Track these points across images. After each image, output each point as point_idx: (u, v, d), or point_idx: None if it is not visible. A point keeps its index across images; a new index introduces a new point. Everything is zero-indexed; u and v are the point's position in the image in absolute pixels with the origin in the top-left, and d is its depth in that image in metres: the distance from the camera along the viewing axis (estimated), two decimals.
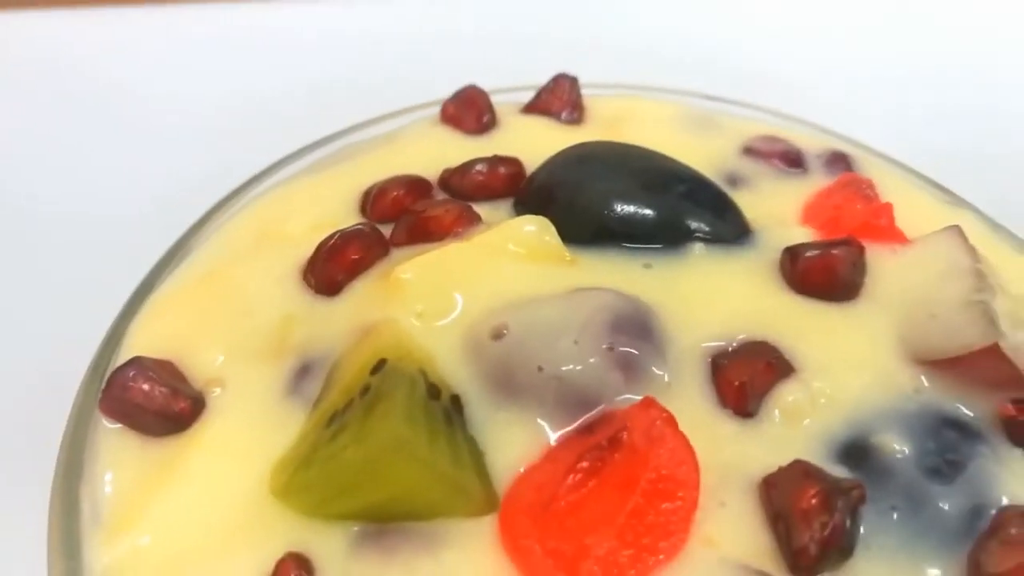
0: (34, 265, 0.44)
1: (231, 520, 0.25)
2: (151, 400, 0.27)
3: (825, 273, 0.29)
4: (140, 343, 0.29)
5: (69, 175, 0.50)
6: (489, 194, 0.33)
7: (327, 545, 0.24)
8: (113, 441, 0.27)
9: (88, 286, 0.36)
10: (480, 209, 0.31)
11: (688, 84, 0.40)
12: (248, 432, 0.26)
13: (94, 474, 0.26)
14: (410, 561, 0.23)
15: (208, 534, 0.25)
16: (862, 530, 0.24)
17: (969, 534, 0.24)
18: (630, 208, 0.30)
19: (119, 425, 0.27)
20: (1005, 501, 0.24)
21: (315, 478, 0.24)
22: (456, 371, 0.26)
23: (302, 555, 0.23)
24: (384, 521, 0.24)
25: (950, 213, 0.34)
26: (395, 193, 0.32)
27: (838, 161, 0.36)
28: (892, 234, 0.31)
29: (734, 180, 0.34)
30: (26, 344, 0.40)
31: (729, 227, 0.31)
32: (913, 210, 0.34)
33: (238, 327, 0.29)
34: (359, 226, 0.30)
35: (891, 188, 0.35)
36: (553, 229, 0.29)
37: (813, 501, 0.23)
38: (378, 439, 0.23)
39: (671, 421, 0.24)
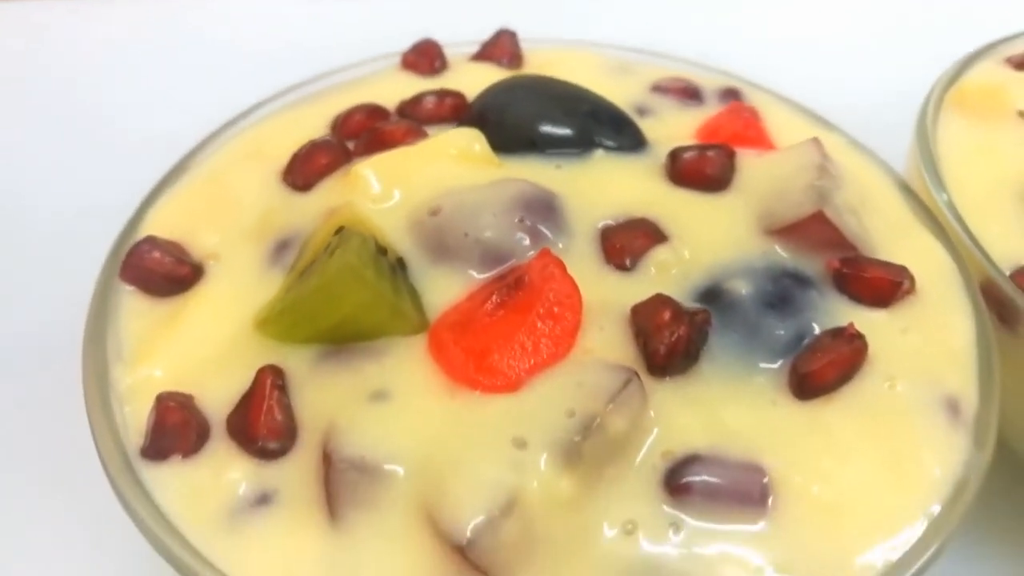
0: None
1: (222, 350, 0.32)
2: (161, 266, 0.34)
3: (699, 168, 0.36)
4: (151, 229, 0.36)
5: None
6: (437, 120, 0.40)
7: (296, 361, 0.31)
8: (130, 301, 0.34)
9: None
10: (429, 131, 0.38)
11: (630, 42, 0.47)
12: (237, 290, 0.34)
13: (116, 324, 0.34)
14: (360, 367, 0.30)
15: (205, 361, 0.32)
16: (709, 346, 0.31)
17: (793, 351, 0.31)
18: (545, 123, 0.37)
19: (134, 288, 0.35)
20: None
21: (286, 308, 0.31)
22: (400, 240, 0.33)
23: (276, 366, 0.30)
24: (340, 343, 0.31)
25: (820, 133, 0.41)
26: (358, 117, 0.40)
27: (730, 95, 0.43)
28: (760, 143, 0.38)
29: (642, 111, 0.42)
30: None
31: (627, 139, 0.38)
32: (790, 132, 0.41)
33: (230, 217, 0.36)
34: (327, 138, 0.38)
35: (772, 114, 0.42)
36: (484, 139, 0.36)
37: (666, 317, 0.30)
38: (334, 268, 0.30)
39: (560, 265, 0.31)
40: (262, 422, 0.29)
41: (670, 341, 0.29)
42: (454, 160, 0.36)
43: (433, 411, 0.29)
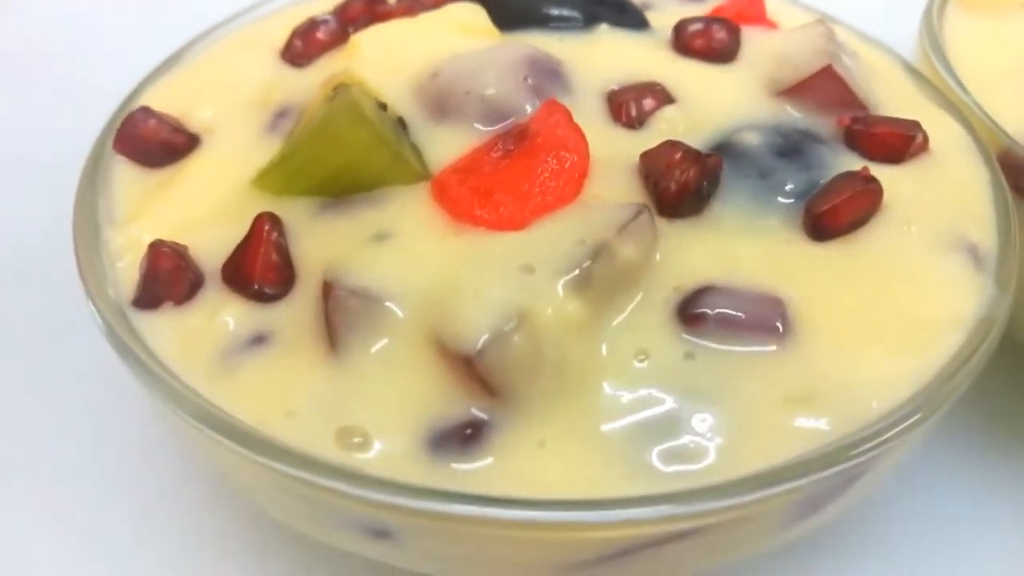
0: None
1: (219, 208, 0.31)
2: (156, 133, 0.33)
3: (705, 38, 0.35)
4: (148, 103, 0.35)
5: None
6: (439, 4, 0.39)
7: (295, 212, 0.30)
8: (123, 170, 0.33)
9: None
10: None
11: None
12: (234, 155, 0.33)
13: (108, 192, 0.33)
14: (360, 214, 0.29)
15: (200, 219, 0.31)
16: (721, 191, 0.30)
17: (806, 196, 0.30)
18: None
19: (127, 160, 0.34)
20: None
21: (285, 157, 0.30)
22: (400, 101, 0.32)
23: (274, 214, 0.29)
24: (339, 194, 0.30)
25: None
26: (358, 4, 0.39)
27: None
28: (764, 22, 0.37)
29: (646, 6, 0.41)
30: None
31: (630, 19, 0.37)
32: (794, 23, 0.40)
33: (228, 93, 0.35)
34: (326, 16, 0.37)
35: (776, 8, 0.41)
36: (485, 13, 0.36)
37: (677, 157, 0.29)
38: (334, 107, 0.29)
39: (566, 112, 0.30)
40: (259, 265, 0.28)
41: (681, 180, 0.29)
42: (455, 32, 0.35)
43: (437, 248, 0.28)
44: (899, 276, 0.28)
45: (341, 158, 0.29)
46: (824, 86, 0.32)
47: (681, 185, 0.29)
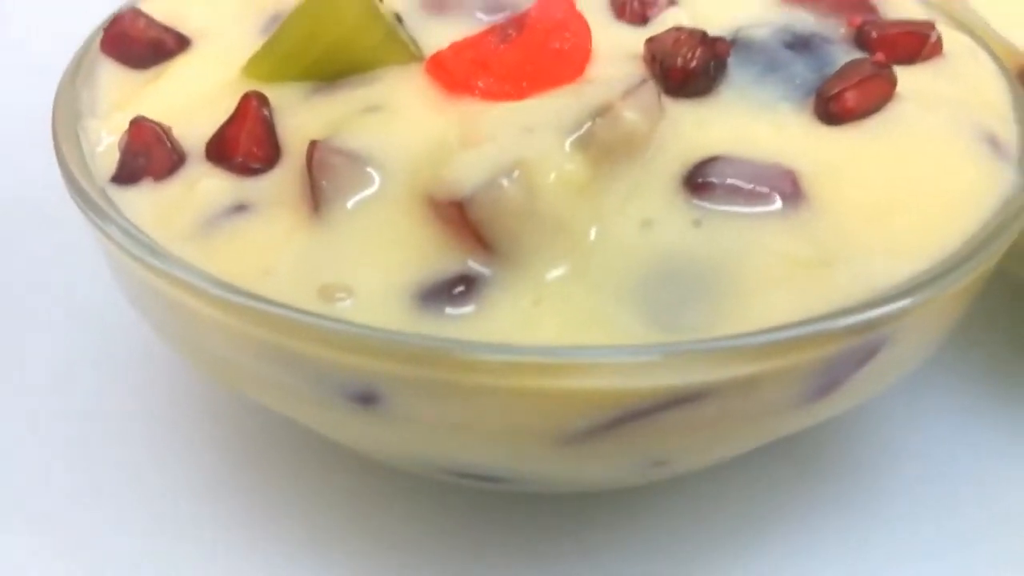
0: None
1: (206, 97, 0.30)
2: (145, 33, 0.32)
3: None
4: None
5: None
6: None
7: (285, 96, 0.28)
8: (110, 71, 0.32)
9: None
10: None
11: None
12: (224, 53, 0.31)
13: (92, 88, 0.32)
14: (351, 93, 0.28)
15: (186, 106, 0.30)
16: (729, 76, 0.29)
17: (816, 84, 0.29)
18: None
19: (115, 62, 0.32)
20: None
21: (275, 38, 0.29)
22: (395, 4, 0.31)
23: (262, 93, 0.28)
24: (332, 78, 0.29)
25: None
26: None
27: None
28: None
29: None
30: None
31: None
32: None
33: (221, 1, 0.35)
34: None
35: None
36: None
37: (683, 37, 0.28)
38: None
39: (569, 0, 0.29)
40: (243, 138, 0.27)
41: (687, 56, 0.27)
42: None
43: (430, 116, 0.27)
44: (916, 156, 0.27)
45: (333, 33, 0.28)
46: None
47: (686, 62, 0.27)
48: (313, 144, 0.25)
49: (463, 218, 0.23)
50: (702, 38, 0.28)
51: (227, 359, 0.25)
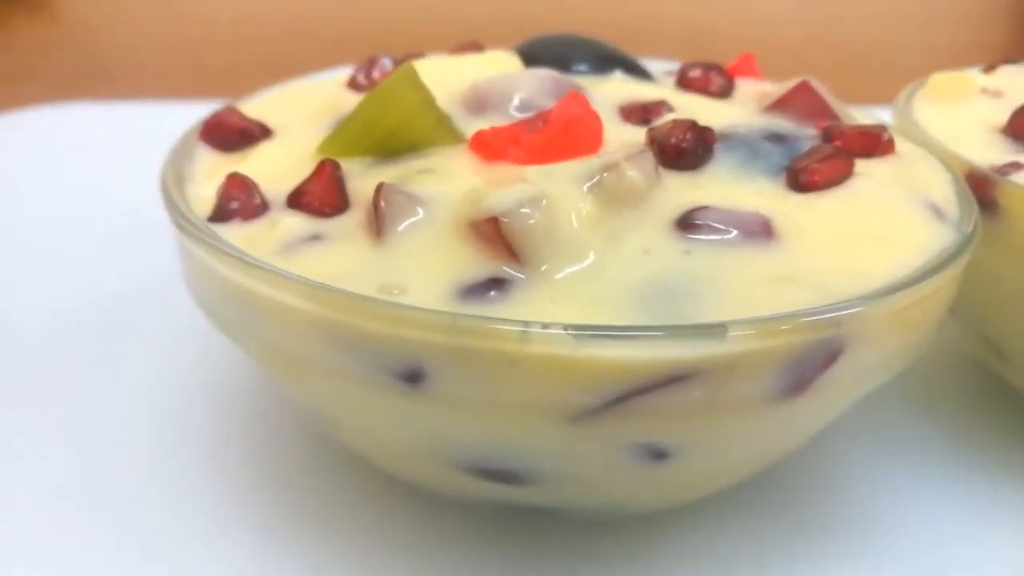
0: None
1: (286, 169, 0.36)
2: (236, 123, 0.39)
3: (704, 82, 0.42)
4: None
5: None
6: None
7: (354, 165, 0.35)
8: (204, 152, 0.39)
9: None
10: None
11: None
12: (301, 140, 0.38)
13: (191, 168, 0.38)
14: (409, 162, 0.34)
15: (271, 174, 0.36)
16: (716, 159, 0.35)
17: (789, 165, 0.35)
18: (574, 51, 0.44)
19: (209, 148, 0.39)
20: None
21: (346, 122, 0.36)
22: (444, 102, 0.38)
23: (335, 160, 0.35)
24: (391, 156, 0.35)
25: None
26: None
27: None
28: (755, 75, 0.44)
29: None
30: None
31: (640, 72, 0.44)
32: None
33: (300, 106, 0.42)
34: (385, 57, 0.44)
35: None
36: (519, 60, 0.43)
37: (677, 124, 0.34)
38: (392, 77, 0.35)
39: (585, 100, 0.36)
40: (318, 190, 0.33)
41: (680, 137, 0.34)
42: (492, 68, 0.42)
43: (472, 174, 0.33)
44: (871, 213, 0.32)
45: (393, 117, 0.35)
46: (803, 98, 0.38)
47: (680, 141, 0.34)
48: (381, 184, 0.31)
49: (497, 232, 0.28)
50: (692, 125, 0.34)
51: (296, 351, 0.30)
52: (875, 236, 0.32)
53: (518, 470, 0.31)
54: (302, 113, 0.41)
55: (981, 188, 0.39)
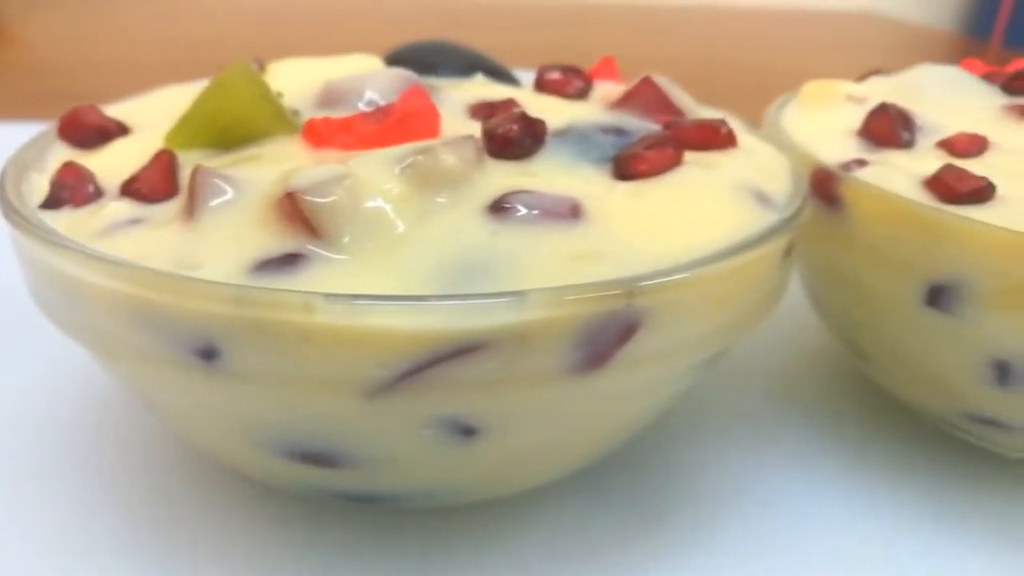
0: None
1: (130, 159, 0.37)
2: (94, 120, 0.40)
3: (562, 84, 0.43)
4: None
5: None
6: None
7: (194, 157, 0.35)
8: (60, 147, 0.39)
9: None
10: None
11: None
12: (157, 138, 0.39)
13: (43, 155, 0.39)
14: (246, 151, 0.35)
15: (112, 164, 0.36)
16: (546, 149, 0.35)
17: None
18: (441, 55, 0.45)
19: (66, 144, 0.40)
20: None
21: (188, 115, 0.36)
22: (296, 97, 0.39)
23: (172, 151, 0.35)
24: (232, 146, 0.36)
25: None
26: None
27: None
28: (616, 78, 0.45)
29: None
30: None
31: (504, 78, 0.45)
32: None
33: (161, 108, 0.42)
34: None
35: None
36: (381, 62, 0.44)
37: (508, 116, 0.35)
38: (226, 74, 0.36)
39: (424, 94, 0.37)
40: (151, 177, 0.34)
41: (508, 128, 0.34)
42: (352, 69, 0.43)
43: (295, 161, 0.33)
44: (692, 199, 0.33)
45: (231, 112, 0.36)
46: (646, 93, 0.39)
47: (507, 131, 0.34)
48: (196, 167, 0.31)
49: (296, 208, 0.29)
50: (521, 116, 0.35)
51: (101, 327, 0.30)
52: (689, 219, 0.32)
53: (329, 452, 0.31)
54: (164, 114, 0.42)
55: (827, 184, 0.40)
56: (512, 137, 0.34)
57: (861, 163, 0.41)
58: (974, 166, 0.39)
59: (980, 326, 0.37)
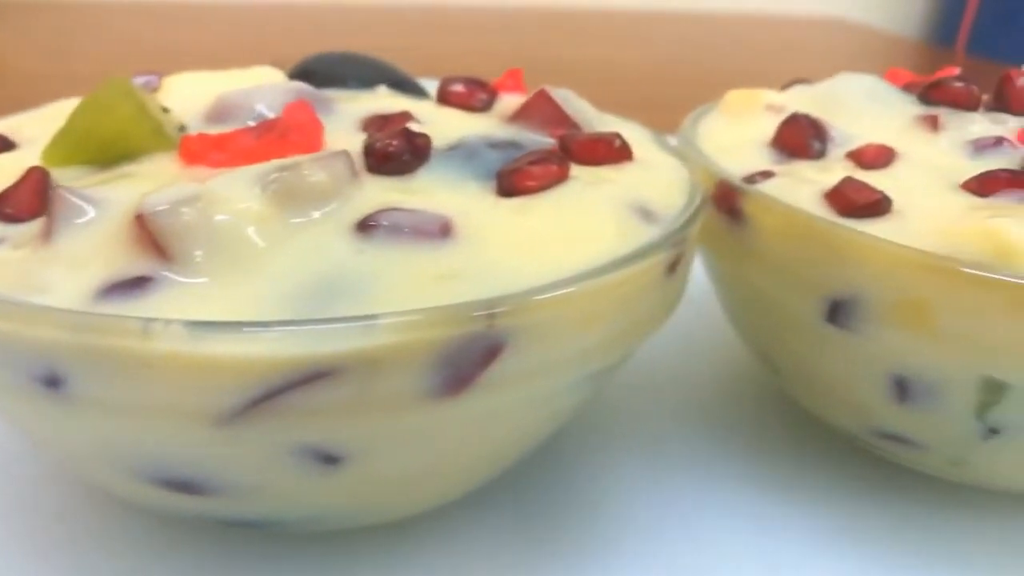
0: None
1: (9, 176, 0.36)
2: None
3: (465, 97, 0.42)
4: None
5: None
6: None
7: (70, 174, 0.34)
8: None
9: None
10: None
11: None
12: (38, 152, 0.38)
13: None
14: (120, 168, 0.34)
15: None
16: (431, 164, 0.35)
17: None
18: (348, 66, 0.44)
19: None
20: None
21: (64, 130, 0.36)
22: (185, 113, 0.38)
23: (44, 168, 0.34)
24: (110, 163, 0.35)
25: None
26: None
27: None
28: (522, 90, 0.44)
29: None
30: None
31: (410, 89, 0.44)
32: None
33: (52, 124, 0.41)
34: (151, 76, 0.44)
35: None
36: (283, 75, 0.43)
37: (390, 132, 0.34)
38: (101, 90, 0.35)
39: (308, 108, 0.36)
40: (19, 196, 0.32)
41: (387, 144, 0.34)
42: (251, 82, 0.42)
43: (162, 177, 0.32)
44: (570, 215, 0.32)
45: (108, 128, 0.35)
46: (541, 107, 0.38)
47: (386, 147, 0.34)
48: (55, 187, 0.31)
49: (145, 230, 0.28)
50: (403, 132, 0.34)
51: None
52: (566, 237, 0.31)
53: (192, 480, 0.30)
54: (52, 129, 0.41)
55: (730, 198, 0.40)
56: (391, 152, 0.34)
57: (767, 175, 0.40)
58: (879, 177, 0.39)
59: (878, 342, 0.36)
